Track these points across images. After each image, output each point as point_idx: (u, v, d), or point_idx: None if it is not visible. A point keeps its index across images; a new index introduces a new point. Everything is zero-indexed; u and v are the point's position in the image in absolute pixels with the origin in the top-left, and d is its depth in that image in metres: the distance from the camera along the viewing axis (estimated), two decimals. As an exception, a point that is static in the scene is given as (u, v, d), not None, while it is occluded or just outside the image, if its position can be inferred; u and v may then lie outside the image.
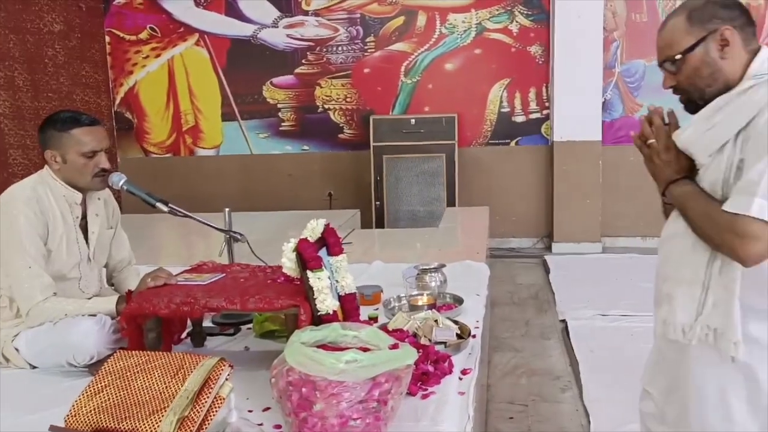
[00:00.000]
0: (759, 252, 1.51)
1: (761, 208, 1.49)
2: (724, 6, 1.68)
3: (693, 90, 1.72)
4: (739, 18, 1.67)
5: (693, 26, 1.68)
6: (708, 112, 1.67)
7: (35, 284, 2.38)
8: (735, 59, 1.66)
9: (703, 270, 1.64)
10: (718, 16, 1.66)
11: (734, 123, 1.60)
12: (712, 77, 1.68)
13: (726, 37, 1.65)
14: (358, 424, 1.65)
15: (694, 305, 1.66)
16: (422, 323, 2.39)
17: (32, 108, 6.44)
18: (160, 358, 1.75)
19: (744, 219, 1.50)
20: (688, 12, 1.69)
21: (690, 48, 1.68)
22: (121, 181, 2.58)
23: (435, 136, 6.82)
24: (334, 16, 7.29)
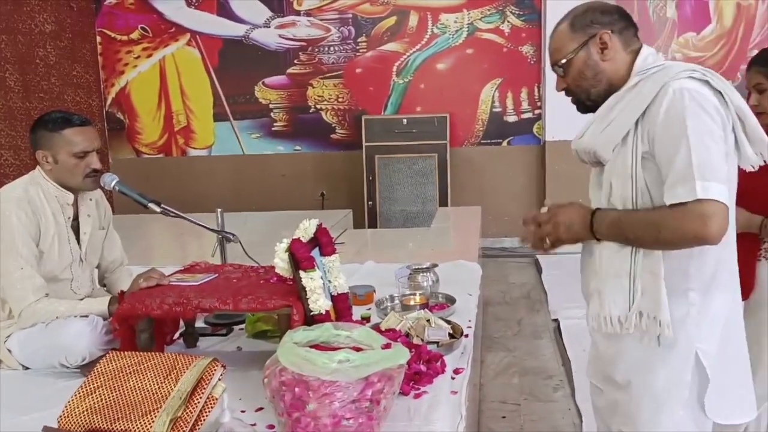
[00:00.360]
0: (721, 226, 1.56)
1: (704, 188, 1.54)
2: (603, 12, 1.79)
3: (580, 91, 1.82)
4: (617, 22, 1.79)
5: (575, 32, 1.79)
6: (603, 111, 1.77)
7: (27, 285, 2.37)
8: (616, 60, 1.78)
9: (628, 261, 1.69)
10: (597, 21, 1.78)
11: (631, 114, 1.68)
12: (596, 78, 1.79)
13: (605, 40, 1.76)
14: (350, 423, 1.66)
15: (625, 296, 1.70)
16: (414, 323, 2.39)
17: (23, 108, 6.42)
18: (153, 359, 1.75)
19: (695, 204, 1.55)
20: (571, 19, 1.81)
21: (573, 52, 1.79)
22: (113, 181, 2.58)
23: (427, 136, 6.83)
24: (326, 16, 7.29)
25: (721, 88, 1.64)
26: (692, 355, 1.68)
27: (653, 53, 1.79)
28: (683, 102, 1.60)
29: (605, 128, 1.73)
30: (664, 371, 1.71)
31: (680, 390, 1.69)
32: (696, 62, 2.27)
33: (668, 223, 1.60)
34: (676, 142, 1.59)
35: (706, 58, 6.78)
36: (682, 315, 1.68)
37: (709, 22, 6.78)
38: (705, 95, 1.61)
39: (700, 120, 1.58)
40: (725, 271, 1.73)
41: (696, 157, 1.56)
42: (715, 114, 1.61)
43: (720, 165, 1.58)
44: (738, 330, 1.78)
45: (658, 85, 1.65)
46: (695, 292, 1.68)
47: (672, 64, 1.72)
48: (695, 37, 6.80)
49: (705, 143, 1.57)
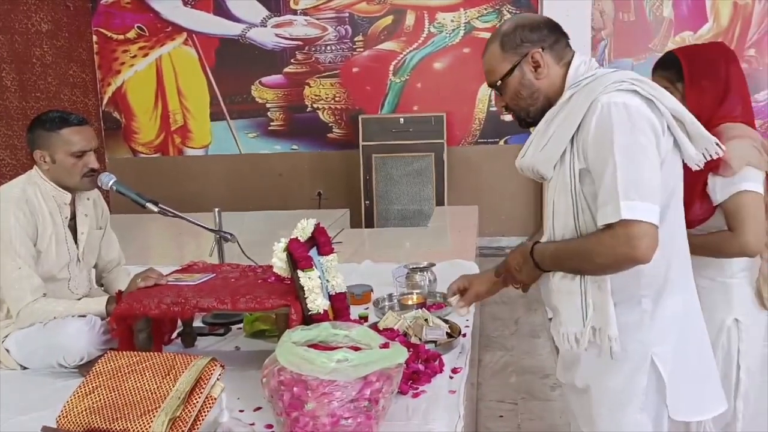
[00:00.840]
0: (651, 246, 1.55)
1: (629, 208, 1.54)
2: (532, 29, 1.77)
3: (518, 109, 1.82)
4: (548, 38, 1.77)
5: (506, 53, 1.78)
6: (542, 127, 1.76)
7: (25, 285, 2.37)
8: (551, 76, 1.76)
9: (577, 278, 1.70)
10: (527, 39, 1.76)
11: (566, 131, 1.67)
12: (532, 97, 1.78)
13: (536, 59, 1.75)
14: (349, 423, 1.66)
15: (578, 313, 1.71)
16: (412, 322, 2.39)
17: (20, 108, 6.41)
18: (151, 359, 1.74)
19: (621, 226, 1.55)
20: (501, 39, 1.79)
21: (507, 74, 1.78)
22: (110, 181, 2.57)
23: (424, 136, 6.83)
24: (323, 16, 7.29)
25: (650, 95, 1.63)
26: (647, 359, 1.69)
27: (585, 62, 1.77)
28: (610, 118, 1.58)
29: (544, 146, 1.73)
30: (620, 376, 1.71)
31: (636, 395, 1.70)
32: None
33: (599, 249, 1.61)
34: (605, 159, 1.58)
35: (702, 57, 6.79)
36: (635, 321, 1.69)
37: (706, 21, 6.79)
38: (634, 106, 1.60)
39: (628, 135, 1.57)
40: (677, 274, 1.73)
41: (622, 176, 1.55)
42: (646, 124, 1.59)
43: (650, 182, 1.57)
44: (695, 328, 1.78)
45: (588, 100, 1.64)
46: (647, 298, 1.69)
47: (602, 73, 1.70)
48: (692, 36, 6.81)
49: (633, 160, 1.56)
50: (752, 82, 6.81)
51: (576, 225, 1.69)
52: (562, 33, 1.80)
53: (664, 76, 2.15)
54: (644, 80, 1.66)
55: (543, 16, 1.86)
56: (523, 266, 1.84)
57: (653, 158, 1.59)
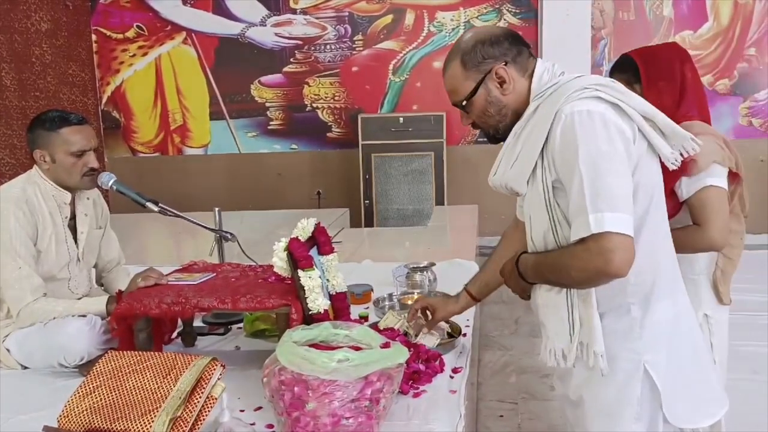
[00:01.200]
0: (623, 259, 1.50)
1: (598, 221, 1.49)
2: (493, 44, 1.70)
3: (487, 127, 1.77)
4: (509, 51, 1.70)
5: (468, 71, 1.71)
6: (510, 141, 1.72)
7: (25, 285, 2.37)
8: (517, 90, 1.71)
9: (563, 293, 1.67)
10: (489, 55, 1.70)
11: (535, 144, 1.62)
12: (500, 114, 1.73)
13: (501, 75, 1.69)
14: (350, 422, 1.66)
15: (566, 329, 1.68)
16: (413, 322, 2.39)
17: (19, 107, 6.40)
18: (152, 359, 1.74)
19: (592, 240, 1.50)
20: (461, 57, 1.72)
21: (472, 93, 1.72)
22: (110, 180, 2.57)
23: (423, 135, 6.82)
24: (322, 15, 7.29)
25: (615, 98, 1.57)
26: (640, 368, 1.64)
27: (548, 69, 1.71)
28: (574, 127, 1.53)
29: (514, 162, 1.69)
30: (612, 387, 1.67)
31: (630, 405, 1.66)
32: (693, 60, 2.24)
33: (573, 263, 1.57)
34: (571, 171, 1.54)
35: (702, 56, 6.79)
36: (625, 330, 1.65)
37: (706, 20, 6.79)
38: (598, 113, 1.54)
39: (591, 144, 1.52)
40: (665, 279, 1.69)
41: (588, 187, 1.51)
42: (612, 130, 1.53)
43: (617, 190, 1.51)
44: (688, 331, 1.74)
45: (553, 111, 1.59)
46: (636, 305, 1.65)
47: (565, 81, 1.65)
48: (692, 35, 6.81)
49: (598, 169, 1.51)
50: (752, 82, 6.83)
51: (555, 238, 1.65)
52: (523, 43, 1.74)
53: (621, 78, 2.17)
54: (609, 84, 1.61)
55: (502, 27, 1.81)
56: (511, 276, 1.80)
57: (620, 165, 1.53)
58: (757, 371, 3.60)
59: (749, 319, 4.36)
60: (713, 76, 6.85)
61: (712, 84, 6.86)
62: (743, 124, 6.89)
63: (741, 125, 6.89)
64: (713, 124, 2.27)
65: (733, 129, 6.88)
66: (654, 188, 1.65)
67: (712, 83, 6.85)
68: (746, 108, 6.88)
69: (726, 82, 6.85)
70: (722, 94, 6.87)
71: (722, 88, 6.86)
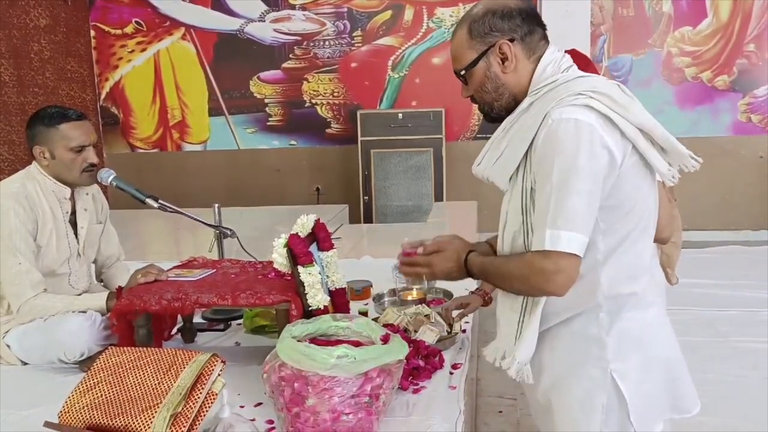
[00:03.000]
0: (564, 282, 1.48)
1: (553, 238, 1.46)
2: (504, 17, 1.61)
3: (483, 103, 1.69)
4: (519, 28, 1.61)
5: (473, 40, 1.63)
6: (498, 135, 1.65)
7: (25, 281, 2.37)
8: (519, 72, 1.62)
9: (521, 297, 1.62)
10: (496, 28, 1.60)
11: (519, 147, 1.57)
12: (497, 92, 1.65)
13: (504, 51, 1.60)
14: (350, 418, 1.66)
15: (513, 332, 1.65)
16: (412, 318, 2.39)
17: (18, 103, 6.39)
18: (152, 355, 1.74)
19: (540, 257, 1.48)
20: (469, 24, 1.63)
21: (472, 63, 1.64)
22: (110, 176, 2.57)
23: (422, 131, 6.83)
24: (321, 11, 7.28)
25: (607, 110, 1.49)
26: (607, 376, 1.60)
27: (555, 60, 1.62)
28: (557, 136, 1.47)
29: (498, 158, 1.63)
30: (579, 393, 1.63)
31: (595, 412, 1.61)
32: (692, 57, 2.24)
33: (517, 273, 1.54)
34: (543, 180, 1.49)
35: (701, 52, 6.80)
36: (593, 336, 1.61)
37: (705, 16, 6.79)
38: (585, 124, 1.47)
39: (569, 157, 1.45)
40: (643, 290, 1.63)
41: (554, 202, 1.46)
42: (595, 146, 1.46)
43: (582, 209, 1.46)
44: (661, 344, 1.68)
45: (542, 114, 1.52)
46: (605, 312, 1.60)
47: (564, 81, 1.57)
48: (691, 31, 6.81)
49: (568, 185, 1.45)
50: (752, 78, 6.83)
51: (525, 243, 1.59)
52: (538, 23, 1.64)
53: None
54: (607, 93, 1.52)
55: (519, 2, 1.66)
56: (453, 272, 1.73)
57: (591, 185, 1.47)
58: (757, 367, 3.60)
59: (749, 316, 4.38)
60: (712, 72, 6.85)
61: (711, 80, 6.86)
62: (742, 120, 6.89)
63: (740, 121, 6.89)
64: (712, 120, 2.28)
65: (732, 125, 6.88)
66: (642, 207, 1.59)
67: (711, 79, 6.86)
68: (745, 104, 6.87)
69: (725, 79, 6.85)
70: (721, 90, 6.87)
71: (721, 85, 6.86)
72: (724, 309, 4.51)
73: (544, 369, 1.69)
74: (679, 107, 6.86)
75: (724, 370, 3.57)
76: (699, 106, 6.87)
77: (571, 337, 1.63)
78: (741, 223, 6.85)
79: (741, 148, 6.89)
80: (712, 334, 4.11)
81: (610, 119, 1.49)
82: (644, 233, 1.62)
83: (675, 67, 6.89)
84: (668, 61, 6.89)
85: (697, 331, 4.08)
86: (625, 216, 1.56)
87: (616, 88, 1.57)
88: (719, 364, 3.64)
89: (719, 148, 6.73)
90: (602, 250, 1.56)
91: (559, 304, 1.59)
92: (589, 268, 1.55)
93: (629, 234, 1.58)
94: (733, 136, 6.90)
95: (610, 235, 1.56)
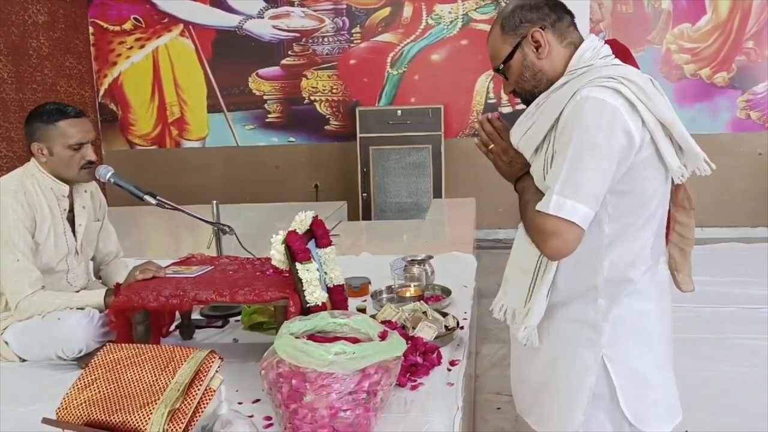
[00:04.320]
0: (559, 247, 1.56)
1: (558, 204, 1.54)
2: (532, 8, 1.71)
3: (524, 93, 1.78)
4: (548, 16, 1.70)
5: (507, 35, 1.73)
6: (531, 109, 1.73)
7: (23, 278, 2.37)
8: (554, 57, 1.70)
9: (536, 256, 1.67)
10: (526, 19, 1.70)
11: (546, 121, 1.64)
12: (536, 78, 1.73)
13: (537, 38, 1.69)
14: (348, 415, 1.66)
15: (524, 291, 1.72)
16: (410, 315, 2.40)
17: (16, 100, 6.38)
18: (150, 351, 1.74)
19: (543, 217, 1.56)
20: (501, 21, 1.74)
21: (509, 56, 1.73)
22: (108, 173, 2.57)
23: (421, 128, 6.83)
24: (320, 7, 7.27)
25: (634, 98, 1.55)
26: (599, 361, 1.66)
27: (593, 48, 1.69)
28: (581, 111, 1.54)
29: (528, 129, 1.71)
30: (571, 375, 1.69)
31: (583, 393, 1.67)
32: (691, 54, 2.25)
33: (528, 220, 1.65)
34: (561, 150, 1.57)
35: (701, 49, 6.79)
36: (589, 320, 1.67)
37: (705, 12, 6.78)
38: (610, 105, 1.53)
39: (589, 133, 1.53)
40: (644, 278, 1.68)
41: (566, 171, 1.54)
42: (616, 128, 1.53)
43: (590, 183, 1.53)
44: (654, 335, 1.73)
45: (572, 91, 1.60)
46: (603, 297, 1.66)
47: (600, 65, 1.65)
48: (690, 28, 6.80)
49: (582, 159, 1.53)
50: (751, 75, 6.83)
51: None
52: (565, 11, 1.73)
53: None
54: (637, 82, 1.58)
55: None
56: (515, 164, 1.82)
57: (606, 163, 1.53)
58: (756, 364, 3.60)
59: (749, 313, 4.37)
60: (711, 69, 6.85)
61: (710, 77, 6.86)
62: (741, 117, 6.89)
63: (739, 118, 6.89)
64: (711, 117, 2.28)
65: (731, 122, 6.88)
66: (650, 198, 1.63)
67: (710, 76, 6.85)
68: (744, 101, 6.87)
69: (724, 75, 6.85)
70: (720, 87, 6.86)
71: (720, 81, 6.86)
72: (724, 306, 4.51)
73: (539, 350, 1.76)
74: (678, 104, 6.85)
75: (723, 368, 3.57)
76: (698, 103, 6.87)
77: (568, 321, 1.70)
78: (740, 220, 6.86)
79: (740, 145, 6.89)
80: (711, 331, 4.11)
81: (635, 107, 1.56)
82: (648, 224, 1.66)
83: (674, 64, 6.89)
84: (667, 58, 6.89)
85: (697, 329, 4.08)
86: (633, 204, 1.62)
87: (648, 81, 1.63)
88: (719, 362, 3.64)
89: (718, 145, 6.72)
90: (607, 233, 1.63)
91: (561, 281, 1.66)
92: (594, 250, 1.63)
93: (634, 222, 1.64)
94: (732, 133, 6.90)
95: (616, 221, 1.62)
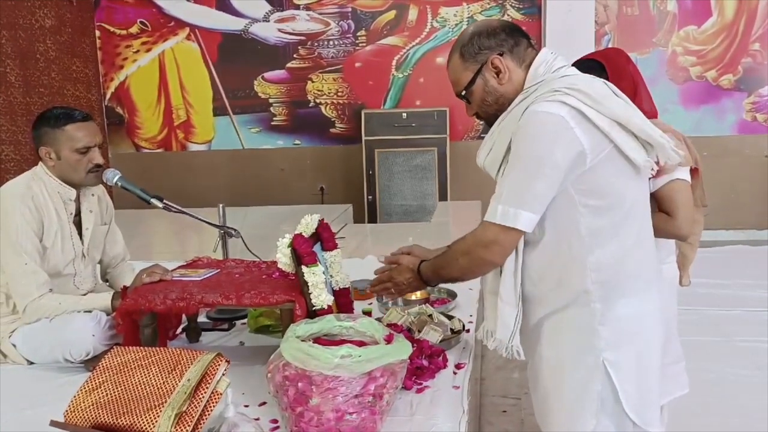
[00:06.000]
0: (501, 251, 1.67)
1: (504, 213, 1.62)
2: (489, 35, 1.75)
3: (487, 116, 1.82)
4: (506, 42, 1.75)
5: (467, 62, 1.77)
6: (494, 129, 1.78)
7: (31, 281, 2.38)
8: (514, 81, 1.75)
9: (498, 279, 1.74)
10: (485, 46, 1.75)
11: (504, 140, 1.69)
12: (498, 103, 1.77)
13: (496, 65, 1.74)
14: (353, 418, 1.67)
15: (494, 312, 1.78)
16: (416, 318, 2.40)
17: (24, 104, 6.40)
18: (157, 354, 1.75)
19: (483, 227, 1.67)
20: (460, 49, 1.78)
21: (470, 83, 1.78)
22: (115, 177, 2.58)
23: (427, 130, 6.83)
24: (326, 10, 7.29)
25: (580, 105, 1.59)
26: (600, 365, 1.67)
27: (545, 62, 1.74)
28: (527, 126, 1.61)
29: (490, 151, 1.76)
30: (575, 382, 1.71)
31: (590, 401, 1.69)
32: (697, 56, 2.27)
33: (462, 250, 1.74)
34: (510, 163, 1.65)
35: (706, 51, 6.79)
36: (587, 325, 1.69)
37: (710, 15, 6.78)
38: (554, 116, 1.58)
39: (532, 145, 1.61)
40: (634, 276, 1.71)
41: (512, 182, 1.63)
42: (560, 136, 1.58)
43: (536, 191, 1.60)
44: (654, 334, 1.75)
45: (524, 108, 1.66)
46: (596, 300, 1.68)
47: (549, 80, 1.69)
48: (696, 30, 6.80)
49: (527, 168, 1.60)
50: (757, 77, 6.82)
51: None
52: (522, 35, 1.78)
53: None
54: (582, 89, 1.61)
55: (500, 20, 1.91)
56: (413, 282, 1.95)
57: (548, 169, 1.59)
58: (759, 367, 3.60)
59: (751, 315, 4.37)
60: (717, 71, 6.84)
61: (716, 79, 6.85)
62: (747, 119, 6.88)
63: (745, 120, 6.88)
64: (717, 120, 2.32)
65: (737, 124, 6.87)
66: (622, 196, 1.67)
67: (716, 78, 6.85)
68: (750, 103, 6.86)
69: (730, 78, 6.84)
70: (726, 89, 6.86)
71: (726, 84, 6.85)
72: (729, 309, 4.51)
73: (543, 359, 1.78)
74: (684, 106, 6.85)
75: (727, 370, 3.57)
76: (704, 105, 6.86)
77: (567, 327, 1.72)
78: (746, 222, 6.84)
79: (746, 147, 6.88)
80: (716, 333, 4.11)
81: (582, 112, 1.60)
82: (627, 221, 1.69)
83: (680, 66, 6.88)
84: (673, 60, 6.89)
85: (702, 331, 4.08)
86: (604, 202, 1.65)
87: (598, 84, 1.67)
88: (723, 364, 3.64)
89: (724, 148, 6.72)
90: (585, 234, 1.65)
91: (548, 290, 1.71)
92: (576, 254, 1.66)
93: (611, 220, 1.66)
94: (738, 135, 6.89)
95: (591, 220, 1.65)
